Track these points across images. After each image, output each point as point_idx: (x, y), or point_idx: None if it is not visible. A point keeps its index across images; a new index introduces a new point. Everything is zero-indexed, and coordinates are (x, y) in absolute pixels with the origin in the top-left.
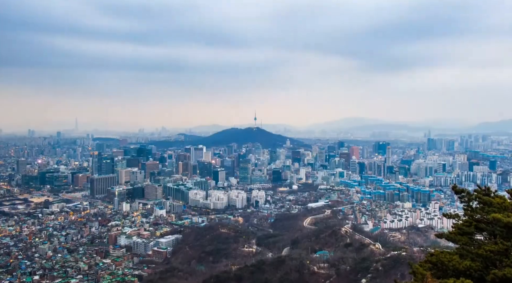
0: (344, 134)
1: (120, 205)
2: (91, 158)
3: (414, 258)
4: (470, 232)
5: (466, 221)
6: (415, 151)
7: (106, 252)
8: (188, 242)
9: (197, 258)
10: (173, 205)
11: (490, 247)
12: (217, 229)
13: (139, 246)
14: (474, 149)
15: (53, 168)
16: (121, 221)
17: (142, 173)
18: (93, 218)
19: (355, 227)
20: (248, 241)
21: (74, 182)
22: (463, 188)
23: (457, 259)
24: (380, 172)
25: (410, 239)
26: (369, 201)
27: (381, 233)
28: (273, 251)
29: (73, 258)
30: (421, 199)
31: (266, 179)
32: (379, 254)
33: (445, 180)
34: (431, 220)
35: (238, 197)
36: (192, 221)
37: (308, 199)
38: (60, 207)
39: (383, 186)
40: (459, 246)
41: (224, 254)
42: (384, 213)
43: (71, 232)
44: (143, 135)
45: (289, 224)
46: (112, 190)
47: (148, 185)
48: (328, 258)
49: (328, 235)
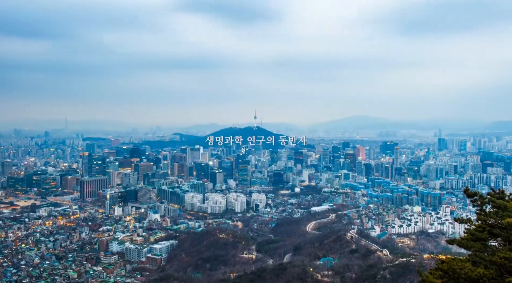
0: (350, 134)
1: (111, 208)
2: (81, 158)
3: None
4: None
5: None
6: (425, 151)
7: (97, 259)
8: (184, 248)
9: (194, 265)
10: (168, 209)
11: (505, 253)
12: (215, 234)
13: (132, 253)
14: (488, 149)
15: (41, 169)
16: (113, 226)
17: (135, 174)
18: (83, 223)
19: (361, 232)
20: (247, 247)
21: (63, 185)
22: (476, 191)
23: (469, 267)
24: (388, 174)
25: (420, 245)
26: (376, 204)
27: (389, 239)
28: (274, 258)
29: (61, 265)
30: (431, 203)
31: (267, 181)
32: (387, 261)
33: (456, 182)
34: (442, 225)
35: (237, 200)
36: (188, 225)
37: (311, 202)
38: (48, 211)
39: (390, 189)
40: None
41: (222, 261)
42: (392, 218)
43: (60, 237)
44: (136, 135)
45: (291, 229)
46: (104, 192)
47: (142, 187)
48: (333, 265)
49: (332, 241)
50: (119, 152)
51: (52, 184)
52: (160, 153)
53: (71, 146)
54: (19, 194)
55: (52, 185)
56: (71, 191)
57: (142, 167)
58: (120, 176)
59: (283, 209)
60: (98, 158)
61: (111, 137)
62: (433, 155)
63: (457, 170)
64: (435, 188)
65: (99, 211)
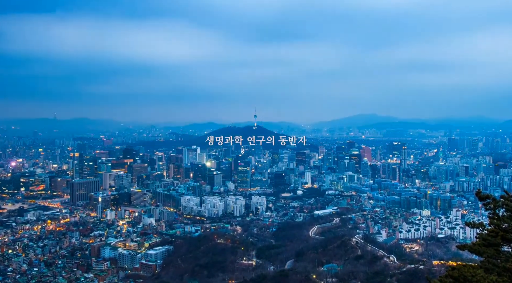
0: (355, 134)
1: (104, 212)
2: (71, 159)
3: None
4: (497, 243)
5: (491, 230)
6: (434, 152)
7: (88, 266)
8: (180, 254)
9: (190, 272)
10: (164, 213)
11: None
12: (213, 239)
13: (125, 259)
14: (501, 150)
15: (29, 171)
16: (105, 231)
17: (129, 176)
18: (73, 227)
19: (367, 237)
20: (247, 253)
21: (52, 187)
22: (488, 193)
23: (482, 274)
24: (395, 176)
25: (429, 250)
26: (382, 208)
27: (396, 244)
28: (275, 264)
29: (51, 272)
30: (441, 206)
31: (268, 183)
32: (394, 268)
33: (468, 185)
34: (452, 230)
35: (236, 203)
36: (185, 230)
37: (314, 205)
38: (36, 215)
39: (398, 191)
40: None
41: (221, 268)
42: (400, 222)
43: (49, 243)
44: (129, 135)
45: (293, 234)
46: (95, 195)
47: (136, 190)
48: (337, 272)
49: (336, 246)
50: (112, 152)
51: (41, 187)
52: (155, 154)
53: (61, 146)
54: (5, 197)
55: (40, 188)
56: (61, 194)
57: (136, 168)
58: (112, 177)
59: (285, 213)
60: (89, 159)
61: (103, 137)
62: (443, 155)
63: (468, 171)
64: (445, 191)
65: (91, 214)
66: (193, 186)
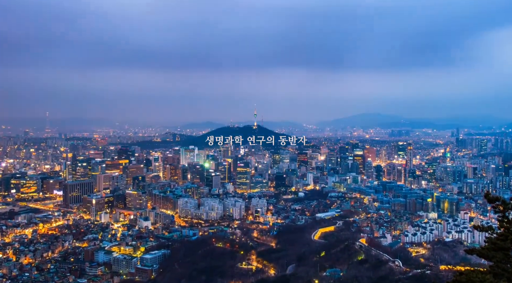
0: (358, 133)
1: (98, 215)
2: (64, 160)
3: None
4: (506, 247)
5: (501, 234)
6: (442, 152)
7: (81, 270)
8: (177, 259)
9: (188, 277)
10: (160, 215)
11: None
12: (211, 243)
13: (120, 263)
14: (511, 150)
15: (20, 172)
16: (99, 234)
17: (124, 178)
18: (66, 231)
19: (371, 241)
20: (246, 257)
21: (44, 189)
22: (498, 195)
23: (490, 279)
24: (400, 177)
25: (436, 255)
26: (387, 210)
27: (402, 248)
28: (276, 269)
29: (42, 277)
30: (449, 209)
31: (268, 185)
32: (400, 273)
33: (476, 186)
34: (460, 233)
35: (236, 206)
36: (182, 233)
37: (316, 208)
38: (27, 218)
39: (403, 193)
40: (493, 263)
41: (219, 273)
42: (405, 225)
43: (41, 247)
44: (125, 135)
45: (294, 238)
46: (89, 197)
47: (131, 192)
48: (340, 277)
49: (340, 250)
50: (106, 153)
51: (33, 188)
52: (151, 154)
53: (53, 146)
54: None
55: (32, 189)
56: (53, 196)
57: (131, 169)
58: (107, 179)
59: (286, 216)
60: (83, 160)
61: (98, 137)
62: (450, 156)
63: (476, 172)
64: (453, 193)
65: (84, 217)
66: (190, 188)
